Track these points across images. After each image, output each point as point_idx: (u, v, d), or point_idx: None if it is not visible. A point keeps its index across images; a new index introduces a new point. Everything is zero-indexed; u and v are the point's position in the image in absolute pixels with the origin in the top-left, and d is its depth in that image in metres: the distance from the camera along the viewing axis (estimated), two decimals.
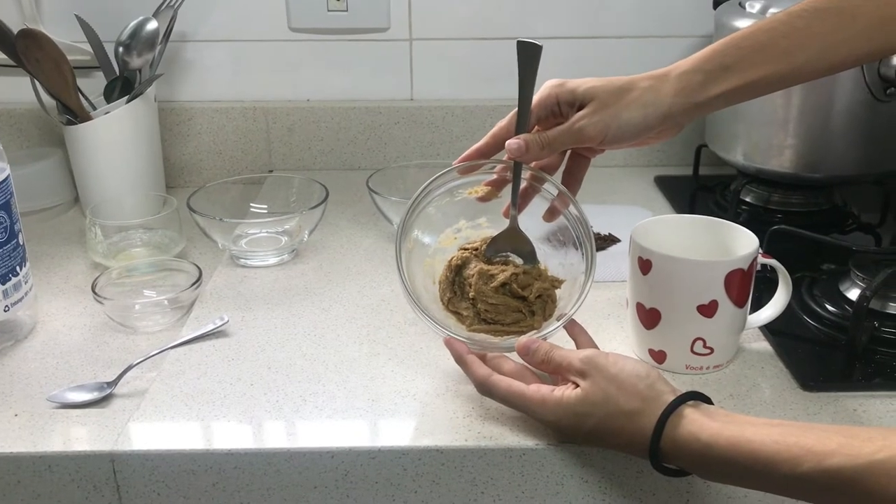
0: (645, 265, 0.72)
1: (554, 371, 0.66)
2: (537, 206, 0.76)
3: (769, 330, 0.78)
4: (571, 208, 0.74)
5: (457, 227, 0.78)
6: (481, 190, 0.76)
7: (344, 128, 1.21)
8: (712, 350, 0.73)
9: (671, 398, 0.60)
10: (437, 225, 0.77)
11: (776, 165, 0.99)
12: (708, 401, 0.61)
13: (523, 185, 0.74)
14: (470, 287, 0.73)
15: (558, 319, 0.71)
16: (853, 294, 0.81)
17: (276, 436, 0.67)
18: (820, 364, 0.76)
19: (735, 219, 0.98)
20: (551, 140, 0.70)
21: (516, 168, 0.73)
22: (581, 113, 0.69)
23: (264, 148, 1.21)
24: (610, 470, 0.66)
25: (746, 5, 1.00)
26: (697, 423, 0.58)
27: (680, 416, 0.58)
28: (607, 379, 0.61)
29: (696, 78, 0.69)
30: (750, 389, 0.72)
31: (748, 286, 0.72)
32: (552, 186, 0.75)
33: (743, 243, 0.74)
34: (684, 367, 0.74)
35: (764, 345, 0.78)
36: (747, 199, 1.06)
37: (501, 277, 0.72)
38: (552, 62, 1.19)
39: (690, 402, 0.60)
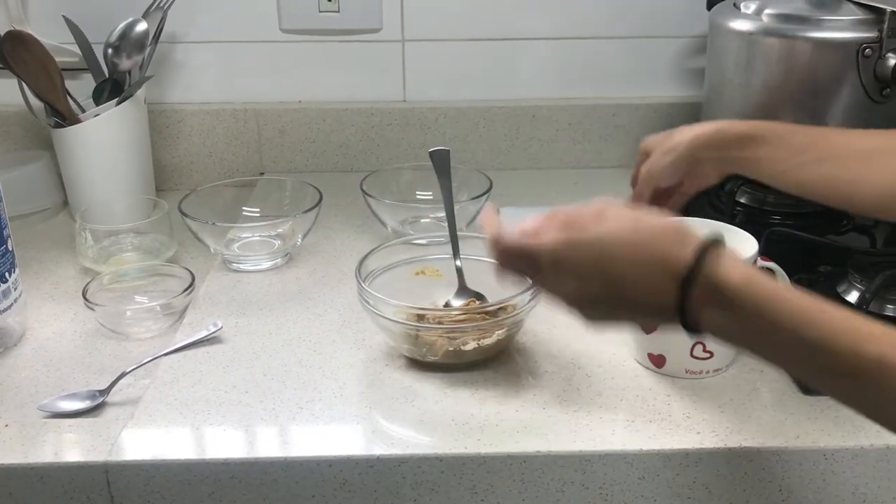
0: None
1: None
2: None
3: None
4: None
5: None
6: (429, 271, 0.84)
7: (336, 129, 1.20)
8: (712, 354, 0.72)
9: (700, 238, 0.54)
10: None
11: None
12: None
13: None
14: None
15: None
16: (851, 297, 0.81)
17: (272, 444, 0.66)
18: None
19: (731, 220, 0.98)
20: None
21: (451, 220, 0.82)
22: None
23: (255, 150, 1.20)
24: (611, 476, 0.66)
25: (741, 6, 0.99)
26: (733, 265, 0.53)
27: (716, 253, 0.53)
28: (617, 212, 0.57)
29: (713, 137, 0.83)
30: (750, 393, 0.72)
31: None
32: None
33: (742, 246, 0.73)
34: (684, 371, 0.73)
35: None
36: (742, 201, 1.06)
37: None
38: (543, 62, 1.20)
39: (724, 248, 0.54)
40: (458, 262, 0.82)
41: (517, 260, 0.60)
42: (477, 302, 0.78)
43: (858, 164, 0.75)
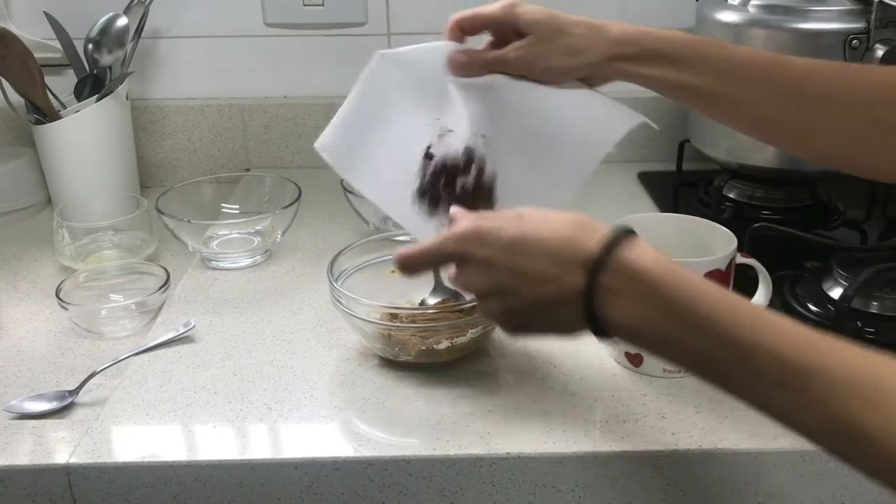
0: None
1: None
2: None
3: None
4: None
5: None
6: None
7: (322, 125, 1.15)
8: None
9: (609, 227, 0.53)
10: None
11: (759, 161, 0.97)
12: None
13: None
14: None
15: None
16: (835, 293, 0.79)
17: (238, 446, 0.65)
18: None
19: (718, 215, 0.97)
20: (486, 64, 0.69)
21: None
22: (515, 44, 0.68)
23: (241, 146, 1.19)
24: (584, 478, 0.64)
25: None
26: (650, 251, 0.51)
27: (629, 240, 0.51)
28: (543, 210, 0.56)
29: (630, 50, 0.67)
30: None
31: (726, 287, 0.70)
32: None
33: (722, 243, 0.71)
34: (661, 370, 0.72)
35: None
36: (731, 196, 1.04)
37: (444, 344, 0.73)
38: None
39: (638, 238, 0.52)
40: None
41: (423, 257, 0.59)
42: (452, 300, 0.76)
43: (810, 111, 0.66)
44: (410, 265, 0.59)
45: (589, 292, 0.51)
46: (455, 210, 0.60)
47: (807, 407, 0.45)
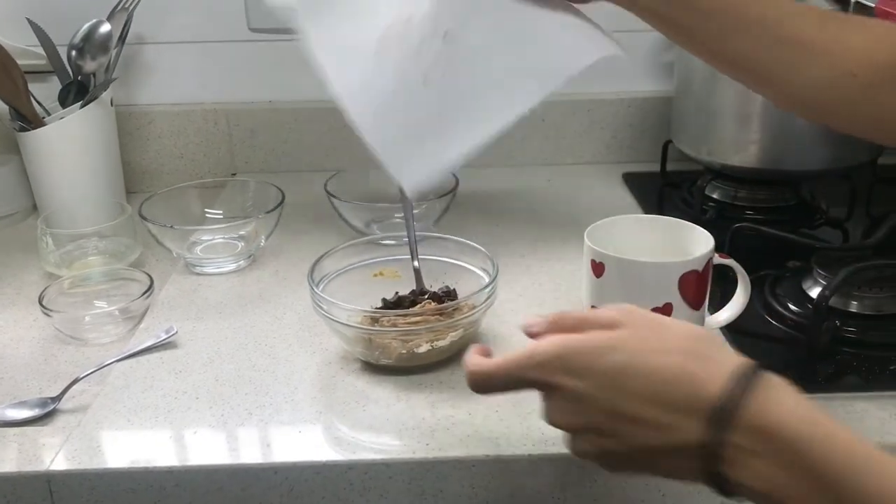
0: (598, 268, 0.70)
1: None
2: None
3: (730, 331, 0.77)
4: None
5: None
6: (387, 273, 0.82)
7: (308, 129, 1.19)
8: None
9: (736, 362, 0.44)
10: None
11: (741, 161, 0.97)
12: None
13: None
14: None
15: None
16: (815, 292, 0.79)
17: (218, 451, 0.65)
18: (781, 365, 0.72)
19: (701, 216, 0.98)
20: None
21: (408, 220, 0.79)
22: None
23: (227, 151, 1.19)
24: (564, 479, 0.64)
25: None
26: (785, 400, 0.42)
27: (757, 387, 0.42)
28: (647, 320, 0.47)
29: None
30: None
31: (704, 288, 0.71)
32: None
33: (699, 244, 0.72)
34: None
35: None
36: (714, 196, 1.05)
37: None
38: None
39: (772, 377, 0.44)
40: (416, 263, 0.81)
41: (497, 381, 0.51)
42: (433, 304, 0.77)
43: (794, 52, 0.65)
44: (482, 386, 0.52)
45: (712, 451, 0.43)
46: (536, 322, 0.52)
47: None
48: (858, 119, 0.67)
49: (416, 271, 0.80)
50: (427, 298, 0.77)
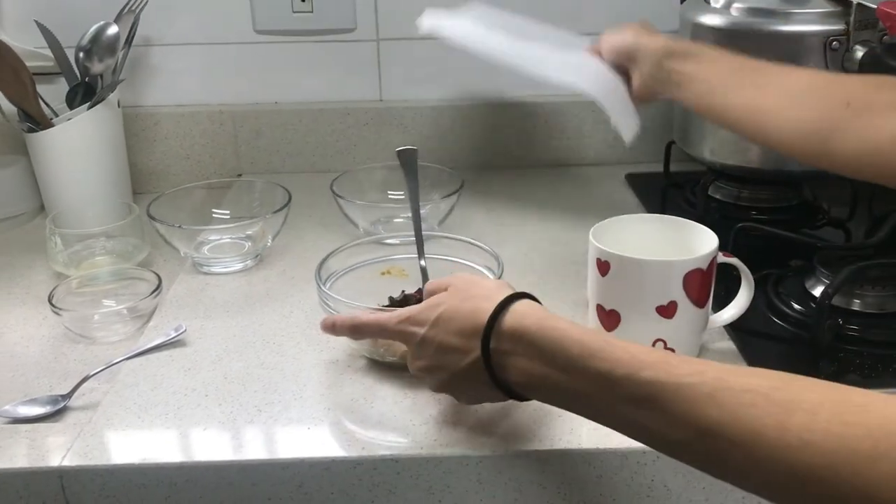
0: (603, 266, 0.71)
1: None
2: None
3: (734, 329, 0.78)
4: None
5: None
6: (394, 271, 0.84)
7: (312, 130, 1.20)
8: (673, 351, 0.72)
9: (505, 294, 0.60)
10: None
11: (743, 161, 0.98)
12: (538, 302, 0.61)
13: None
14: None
15: None
16: (818, 291, 0.80)
17: (228, 447, 0.66)
18: (784, 363, 0.75)
19: (704, 215, 0.98)
20: None
21: (416, 220, 0.81)
22: None
23: (232, 152, 1.20)
24: (570, 475, 0.65)
25: (711, 0, 0.98)
26: (531, 315, 0.57)
27: (513, 313, 0.58)
28: (464, 280, 0.63)
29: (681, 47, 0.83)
30: None
31: (708, 286, 0.71)
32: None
33: (703, 242, 0.73)
34: None
35: (728, 344, 0.77)
36: (717, 196, 1.05)
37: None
38: None
39: (525, 301, 0.59)
40: (423, 262, 0.81)
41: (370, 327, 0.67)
42: None
43: (784, 98, 0.74)
44: (358, 330, 0.68)
45: (485, 358, 0.58)
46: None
47: (670, 421, 0.49)
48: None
49: (423, 270, 0.81)
50: None
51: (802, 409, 0.44)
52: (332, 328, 0.70)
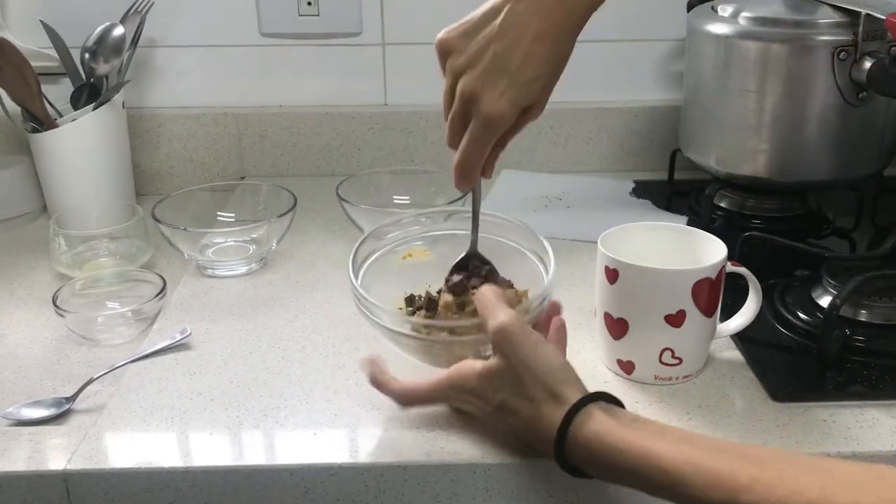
0: (612, 274, 0.71)
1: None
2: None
3: (740, 339, 0.77)
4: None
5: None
6: (416, 253, 0.80)
7: (317, 134, 1.20)
8: (681, 360, 0.72)
9: (579, 396, 0.59)
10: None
11: (749, 170, 0.98)
12: (619, 403, 0.61)
13: None
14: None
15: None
16: (825, 301, 0.80)
17: (234, 452, 0.65)
18: (791, 373, 0.75)
19: (709, 224, 0.98)
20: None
21: (475, 192, 0.72)
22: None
23: (236, 154, 1.20)
24: (576, 484, 0.65)
25: (719, 9, 0.99)
26: (605, 425, 0.57)
27: (588, 415, 0.58)
28: (519, 359, 0.61)
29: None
30: (719, 400, 0.71)
31: (717, 295, 0.71)
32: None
33: (712, 252, 0.72)
34: (653, 377, 0.72)
35: (735, 354, 0.77)
36: (722, 205, 1.05)
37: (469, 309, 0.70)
38: None
39: (600, 403, 0.59)
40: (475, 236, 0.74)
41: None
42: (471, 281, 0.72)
43: None
44: (409, 401, 0.68)
45: (556, 452, 0.59)
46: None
47: None
48: None
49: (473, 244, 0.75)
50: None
51: None
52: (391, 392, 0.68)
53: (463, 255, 0.74)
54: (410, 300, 0.74)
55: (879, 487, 0.48)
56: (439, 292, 0.74)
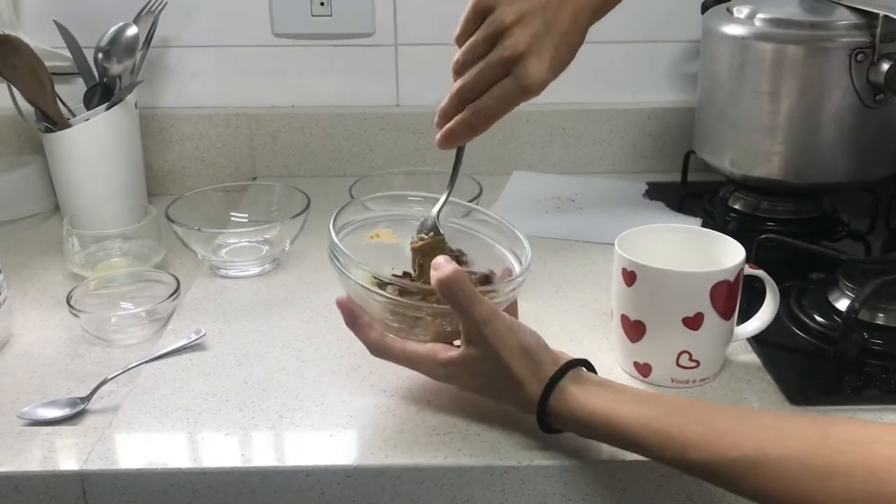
0: (629, 276, 0.70)
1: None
2: None
3: (757, 342, 0.77)
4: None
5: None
6: (382, 234, 0.79)
7: (329, 134, 1.19)
8: (698, 363, 0.71)
9: (552, 371, 0.62)
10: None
11: (764, 172, 0.97)
12: (589, 366, 0.65)
13: None
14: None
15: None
16: (842, 304, 0.80)
17: (250, 454, 0.65)
18: (808, 377, 0.75)
19: (724, 226, 0.98)
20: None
21: (459, 151, 0.73)
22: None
23: (248, 155, 1.20)
24: (594, 487, 0.65)
25: (734, 10, 0.98)
26: (574, 400, 0.61)
27: (561, 392, 0.62)
28: (495, 347, 0.63)
29: None
30: (736, 403, 0.70)
31: (735, 298, 0.71)
32: None
33: (730, 254, 0.72)
34: (670, 380, 0.72)
35: (752, 357, 0.77)
36: (736, 207, 1.05)
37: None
38: None
39: (570, 375, 0.62)
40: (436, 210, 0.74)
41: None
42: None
43: None
44: (382, 353, 0.68)
45: (541, 425, 0.63)
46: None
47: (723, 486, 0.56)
48: None
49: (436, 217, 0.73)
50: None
51: (839, 473, 0.49)
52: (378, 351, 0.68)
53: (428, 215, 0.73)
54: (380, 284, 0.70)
55: (818, 439, 0.51)
56: (405, 274, 0.74)
